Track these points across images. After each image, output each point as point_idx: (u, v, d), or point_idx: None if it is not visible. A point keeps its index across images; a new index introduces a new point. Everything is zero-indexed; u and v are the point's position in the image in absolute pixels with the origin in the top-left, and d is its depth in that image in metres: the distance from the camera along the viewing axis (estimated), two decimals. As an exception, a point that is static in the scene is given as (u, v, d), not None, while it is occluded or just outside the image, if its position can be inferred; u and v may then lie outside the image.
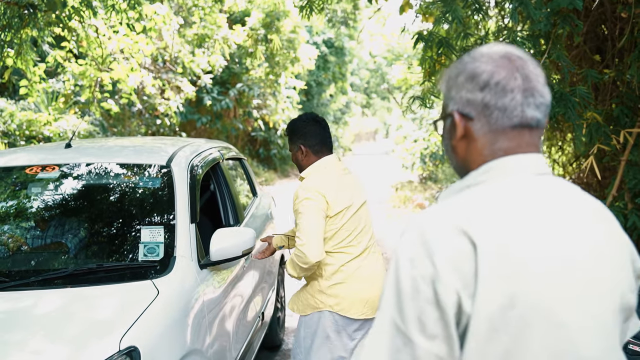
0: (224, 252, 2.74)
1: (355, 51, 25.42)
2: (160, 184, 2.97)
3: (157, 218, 2.83)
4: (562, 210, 1.09)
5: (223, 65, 12.60)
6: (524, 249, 1.02)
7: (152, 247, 2.65)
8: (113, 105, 8.84)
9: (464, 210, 1.05)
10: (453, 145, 1.18)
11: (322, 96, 24.36)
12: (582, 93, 4.50)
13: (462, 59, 1.18)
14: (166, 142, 3.71)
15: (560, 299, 1.02)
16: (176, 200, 2.85)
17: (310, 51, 15.74)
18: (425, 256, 1.01)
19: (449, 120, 1.17)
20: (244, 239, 2.82)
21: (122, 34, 8.26)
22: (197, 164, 3.25)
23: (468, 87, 1.14)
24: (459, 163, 1.19)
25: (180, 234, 2.72)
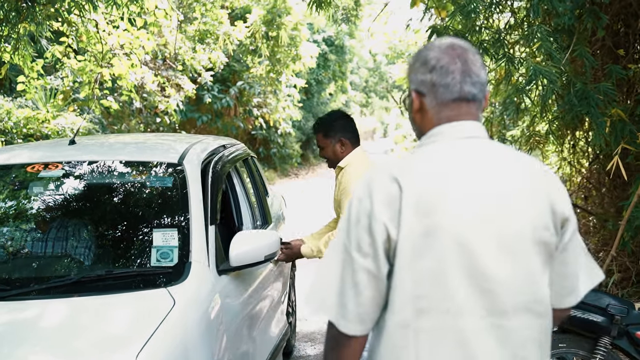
0: (245, 257, 2.53)
1: (355, 50, 25.23)
2: (172, 183, 2.76)
3: (170, 220, 2.62)
4: (482, 162, 1.40)
5: (224, 63, 12.38)
6: (441, 192, 1.34)
7: (165, 251, 2.45)
8: (113, 103, 8.62)
9: (400, 164, 1.40)
10: (413, 117, 1.51)
11: (322, 95, 24.17)
12: (606, 89, 4.32)
13: (419, 49, 1.51)
14: (173, 139, 3.50)
15: (470, 229, 1.33)
16: (190, 201, 2.65)
17: (311, 49, 15.53)
18: (367, 197, 1.36)
19: (410, 97, 1.51)
20: (267, 242, 2.62)
21: (122, 29, 8.04)
22: (210, 161, 3.04)
23: (421, 71, 1.46)
24: (418, 130, 1.51)
25: (196, 238, 2.52)
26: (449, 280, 1.33)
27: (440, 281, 1.33)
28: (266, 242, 2.62)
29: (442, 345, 1.33)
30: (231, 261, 2.54)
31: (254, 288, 2.93)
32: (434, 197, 1.34)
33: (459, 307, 1.33)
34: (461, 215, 1.34)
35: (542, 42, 4.10)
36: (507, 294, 1.35)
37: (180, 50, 11.36)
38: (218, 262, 2.55)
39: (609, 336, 3.12)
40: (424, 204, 1.33)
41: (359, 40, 26.58)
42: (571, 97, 4.30)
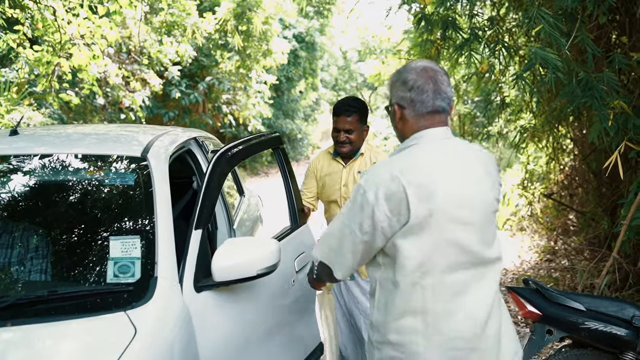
0: (232, 271, 2.05)
1: (326, 47, 24.84)
2: (134, 181, 2.29)
3: (131, 225, 2.16)
4: (454, 157, 1.88)
5: (192, 57, 11.85)
6: (433, 182, 1.80)
7: (125, 264, 1.99)
8: (73, 97, 8.03)
9: (398, 165, 1.83)
10: (395, 125, 1.96)
11: (292, 92, 23.73)
12: (609, 79, 3.99)
13: (399, 70, 1.94)
14: (136, 130, 3.03)
15: (456, 208, 1.81)
16: (155, 202, 2.19)
17: (283, 44, 15.08)
18: (372, 191, 1.80)
19: (392, 108, 1.96)
20: (263, 253, 2.12)
21: (82, 18, 7.47)
22: (180, 156, 2.59)
23: (402, 89, 1.90)
24: (400, 135, 1.96)
25: (163, 247, 2.06)
26: (444, 248, 1.80)
27: (439, 249, 1.80)
28: (261, 253, 2.12)
29: (441, 294, 1.80)
30: (214, 275, 2.06)
31: (253, 308, 2.34)
32: (429, 187, 1.79)
33: (451, 266, 1.81)
34: (450, 198, 1.80)
35: (545, 25, 3.74)
36: (484, 251, 1.86)
37: (146, 42, 10.79)
38: (199, 276, 2.08)
39: (634, 351, 2.78)
40: (423, 193, 1.77)
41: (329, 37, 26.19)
42: (573, 87, 3.96)
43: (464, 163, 1.88)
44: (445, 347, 1.79)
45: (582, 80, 3.91)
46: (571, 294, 2.99)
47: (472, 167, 1.88)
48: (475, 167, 1.89)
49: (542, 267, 7.31)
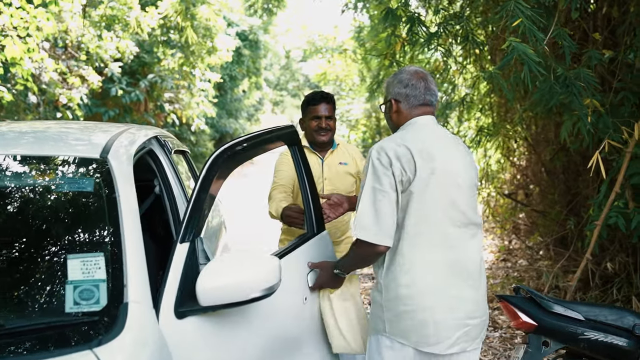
0: (221, 294, 1.70)
1: (270, 45, 24.51)
2: (93, 187, 1.93)
3: (92, 241, 1.81)
4: (443, 138, 2.30)
5: (134, 53, 11.29)
6: (431, 148, 2.20)
7: (87, 288, 1.64)
8: (5, 93, 7.42)
9: (400, 137, 2.23)
10: (390, 117, 2.42)
11: (235, 91, 23.27)
12: (585, 76, 3.87)
13: (395, 73, 2.43)
14: (84, 127, 2.64)
15: (451, 173, 2.22)
16: (121, 211, 1.84)
17: (228, 42, 14.65)
18: (384, 155, 2.16)
19: (389, 103, 2.39)
20: (260, 272, 1.77)
21: (16, 7, 6.89)
22: (140, 157, 2.24)
23: (398, 86, 2.36)
24: (394, 126, 2.40)
25: (133, 264, 1.72)
26: (443, 204, 2.18)
27: (439, 204, 2.18)
28: (257, 273, 1.76)
29: (441, 246, 2.18)
30: (199, 299, 1.72)
31: (252, 336, 1.98)
32: (429, 151, 2.18)
33: (449, 220, 2.19)
34: (445, 163, 2.20)
35: (523, 19, 3.57)
36: (472, 215, 2.26)
37: (84, 37, 10.17)
38: (184, 299, 1.74)
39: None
40: (425, 155, 2.17)
41: (272, 36, 25.85)
42: (550, 84, 3.81)
43: (450, 142, 2.29)
44: (448, 295, 2.15)
45: (560, 77, 3.77)
46: (567, 302, 2.81)
47: (456, 146, 2.31)
48: (459, 147, 2.32)
49: (499, 267, 7.24)
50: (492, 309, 5.63)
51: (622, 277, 5.00)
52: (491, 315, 5.45)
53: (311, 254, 2.36)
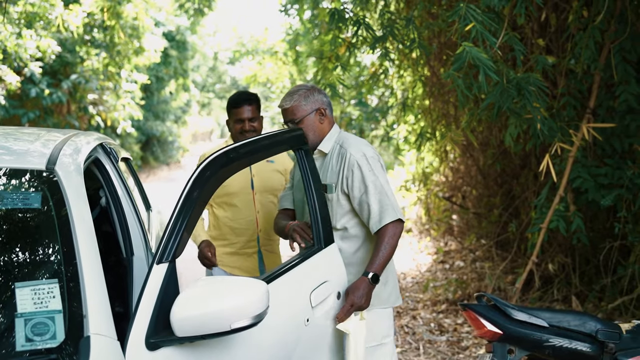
0: (199, 324, 1.52)
1: (198, 46, 24.02)
2: (41, 202, 1.71)
3: (43, 264, 1.59)
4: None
5: (56, 52, 10.71)
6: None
7: (40, 322, 1.43)
8: None
9: (361, 140, 2.66)
10: (317, 125, 2.62)
11: (162, 93, 22.65)
12: (535, 81, 3.91)
13: (305, 87, 2.67)
14: (17, 133, 2.38)
15: None
16: (74, 229, 1.63)
17: (156, 42, 14.20)
18: (377, 154, 2.61)
19: (316, 113, 2.62)
20: (244, 299, 1.57)
21: None
22: (93, 167, 2.03)
23: (320, 96, 2.65)
24: (319, 133, 2.63)
25: (92, 291, 1.52)
26: None
27: None
28: (241, 300, 1.57)
29: None
30: (175, 329, 1.54)
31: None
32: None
33: None
34: None
35: (476, 23, 3.57)
36: None
37: (1, 35, 9.53)
38: (158, 328, 1.54)
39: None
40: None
41: (200, 37, 25.32)
42: (504, 88, 3.83)
43: None
44: None
45: (512, 81, 3.79)
46: (531, 309, 2.79)
47: None
48: None
49: (437, 269, 7.31)
50: (436, 312, 5.64)
51: (561, 277, 5.12)
52: (436, 319, 5.46)
53: (318, 270, 2.19)
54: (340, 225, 2.54)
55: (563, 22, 4.60)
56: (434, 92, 6.73)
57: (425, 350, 4.82)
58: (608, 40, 4.14)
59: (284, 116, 2.62)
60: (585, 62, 4.09)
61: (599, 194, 4.25)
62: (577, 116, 4.39)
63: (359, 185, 2.48)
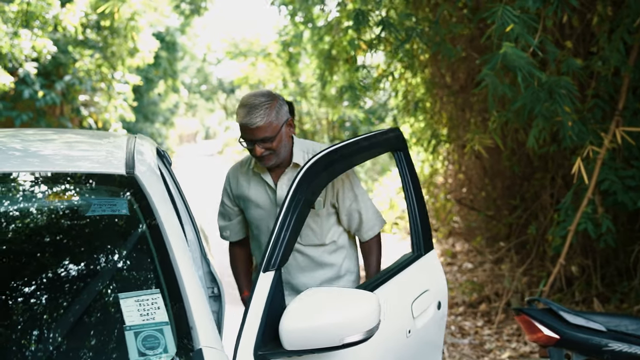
0: (309, 338, 1.45)
1: (187, 47, 23.85)
2: (128, 209, 1.63)
3: (140, 275, 1.52)
4: None
5: (52, 52, 10.53)
6: None
7: (150, 335, 1.36)
8: None
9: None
10: (288, 137, 2.35)
11: (151, 94, 22.46)
12: (566, 84, 3.90)
13: (270, 96, 2.31)
14: (66, 137, 2.29)
15: None
16: (167, 237, 1.56)
17: (150, 43, 14.06)
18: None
19: (287, 124, 2.32)
20: (356, 313, 1.49)
21: None
22: (166, 169, 1.96)
23: (285, 108, 2.33)
24: (286, 144, 2.34)
25: (195, 300, 1.45)
26: None
27: None
28: (353, 313, 1.49)
29: None
30: (284, 342, 1.47)
31: None
32: None
33: None
34: None
35: (515, 25, 3.54)
36: None
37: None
38: (266, 339, 1.47)
39: (660, 372, 2.60)
40: None
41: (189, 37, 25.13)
42: (535, 90, 3.81)
43: None
44: None
45: (545, 84, 3.77)
46: (587, 313, 2.76)
47: None
48: None
49: (447, 272, 7.29)
50: (454, 315, 5.61)
51: (581, 279, 5.12)
52: (456, 322, 5.43)
53: (418, 279, 2.12)
54: (329, 240, 2.43)
55: (587, 24, 4.59)
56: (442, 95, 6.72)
57: (450, 353, 4.78)
58: (637, 42, 4.14)
59: (252, 134, 2.23)
60: (614, 64, 4.08)
61: (627, 196, 4.25)
62: (603, 118, 4.39)
63: (349, 195, 2.37)
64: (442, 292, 2.32)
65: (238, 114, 2.26)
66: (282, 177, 2.38)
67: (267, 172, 2.41)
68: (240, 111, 2.25)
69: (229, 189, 2.52)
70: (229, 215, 2.57)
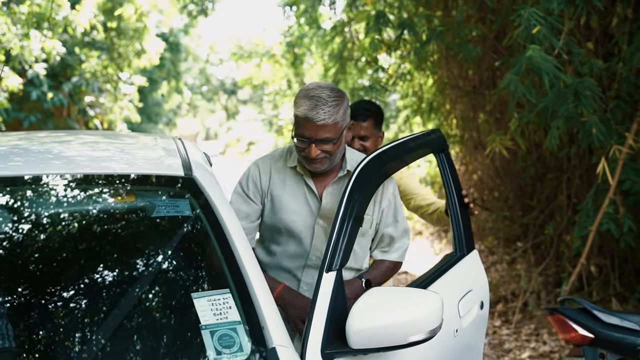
0: (375, 337, 1.48)
1: (190, 48, 23.88)
2: (191, 210, 1.65)
3: (207, 275, 1.54)
4: None
5: (60, 54, 10.55)
6: None
7: (225, 334, 1.38)
8: None
9: None
10: (344, 144, 2.09)
11: (154, 95, 22.49)
12: (589, 85, 3.92)
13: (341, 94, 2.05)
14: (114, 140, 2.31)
15: None
16: (231, 237, 1.58)
17: (157, 44, 14.08)
18: None
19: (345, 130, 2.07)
20: (420, 312, 1.51)
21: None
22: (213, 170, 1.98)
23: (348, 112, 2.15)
24: (342, 149, 2.10)
25: (264, 300, 1.48)
26: None
27: None
28: (418, 313, 1.52)
29: None
30: (350, 341, 1.49)
31: None
32: None
33: None
34: None
35: (542, 27, 3.57)
36: None
37: (4, 36, 9.35)
38: (330, 338, 1.49)
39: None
40: None
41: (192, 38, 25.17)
42: (561, 92, 3.83)
43: None
44: None
45: (570, 86, 3.79)
46: (620, 312, 2.78)
47: None
48: None
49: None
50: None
51: (600, 279, 5.14)
52: (473, 322, 5.45)
53: (463, 279, 2.14)
54: (365, 265, 2.20)
55: (605, 25, 4.61)
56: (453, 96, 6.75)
57: (470, 353, 4.80)
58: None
59: (314, 131, 1.97)
60: (636, 65, 4.11)
61: (648, 196, 4.28)
62: (623, 119, 4.41)
63: (391, 220, 2.15)
64: (484, 292, 2.34)
65: (300, 104, 1.97)
66: (328, 187, 2.12)
67: (310, 176, 2.14)
68: (304, 102, 1.96)
69: (258, 184, 2.16)
70: (249, 216, 2.17)
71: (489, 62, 5.83)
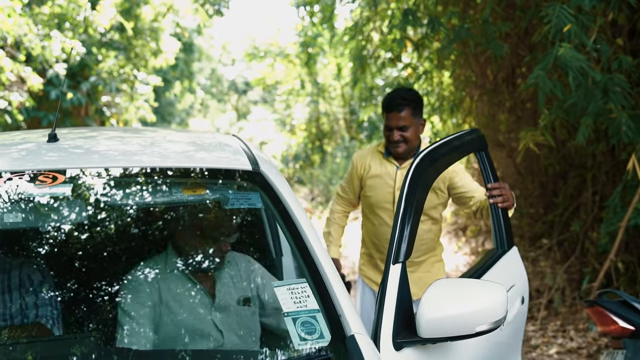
0: (444, 326, 1.52)
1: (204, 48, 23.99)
2: (263, 203, 1.71)
3: (282, 262, 1.59)
4: None
5: (80, 54, 10.66)
6: None
7: (306, 321, 1.43)
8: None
9: None
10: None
11: (167, 95, 22.62)
12: (619, 82, 3.95)
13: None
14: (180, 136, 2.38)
15: None
16: (302, 230, 1.64)
17: (173, 44, 14.19)
18: None
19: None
20: (487, 303, 1.56)
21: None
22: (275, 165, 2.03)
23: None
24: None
25: (339, 290, 1.53)
26: None
27: None
28: (485, 303, 1.56)
29: None
30: (420, 330, 1.54)
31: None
32: None
33: None
34: None
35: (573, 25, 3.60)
36: None
37: (26, 37, 9.47)
38: (399, 327, 1.55)
39: None
40: None
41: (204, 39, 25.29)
42: (590, 89, 3.86)
43: None
44: None
45: (599, 82, 3.82)
46: (659, 305, 2.81)
47: None
48: None
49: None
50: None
51: (627, 275, 5.16)
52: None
53: (506, 274, 2.19)
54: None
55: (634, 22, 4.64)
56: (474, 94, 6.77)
57: (498, 349, 4.84)
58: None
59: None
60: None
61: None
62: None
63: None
64: (524, 287, 2.38)
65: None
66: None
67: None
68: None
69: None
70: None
71: (510, 61, 5.86)
